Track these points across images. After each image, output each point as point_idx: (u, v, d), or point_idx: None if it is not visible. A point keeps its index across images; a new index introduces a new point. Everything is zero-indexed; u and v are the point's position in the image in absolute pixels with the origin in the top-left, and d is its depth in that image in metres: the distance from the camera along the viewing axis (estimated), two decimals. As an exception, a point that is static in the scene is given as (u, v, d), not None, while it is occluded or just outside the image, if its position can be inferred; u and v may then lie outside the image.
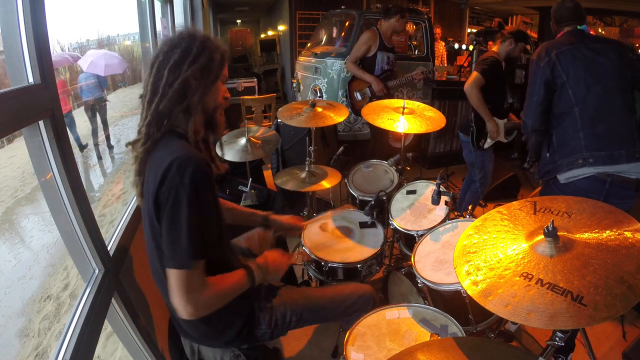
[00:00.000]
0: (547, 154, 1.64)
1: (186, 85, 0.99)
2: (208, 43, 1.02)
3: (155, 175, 0.92)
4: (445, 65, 4.86)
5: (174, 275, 0.91)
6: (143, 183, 1.01)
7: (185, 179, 0.89)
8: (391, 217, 1.81)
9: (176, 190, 0.89)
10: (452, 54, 5.93)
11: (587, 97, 1.49)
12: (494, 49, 2.45)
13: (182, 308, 0.92)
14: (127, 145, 1.05)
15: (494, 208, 1.09)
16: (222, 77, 1.07)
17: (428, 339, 1.15)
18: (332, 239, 1.69)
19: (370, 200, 1.73)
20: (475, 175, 2.60)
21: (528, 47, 4.38)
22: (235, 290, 1.04)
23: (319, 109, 2.09)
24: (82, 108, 5.28)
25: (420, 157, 4.09)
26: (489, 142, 2.45)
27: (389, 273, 1.78)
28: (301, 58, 4.63)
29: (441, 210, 1.74)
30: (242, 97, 4.52)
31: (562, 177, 1.56)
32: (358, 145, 3.91)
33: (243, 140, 2.20)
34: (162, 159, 0.94)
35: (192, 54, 0.99)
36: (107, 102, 5.43)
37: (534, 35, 5.62)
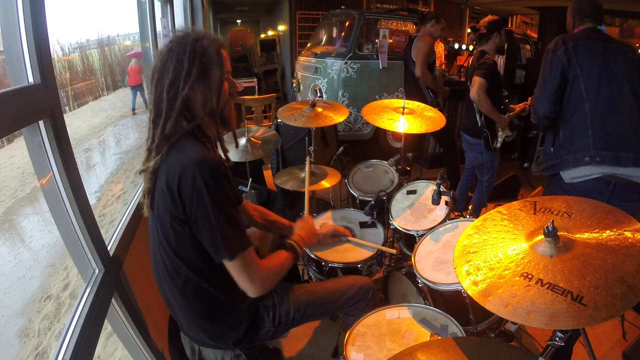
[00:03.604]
0: (552, 149, 1.61)
1: (187, 100, 0.99)
2: (199, 47, 0.98)
3: (172, 179, 0.94)
4: (444, 68, 4.87)
5: (229, 266, 1.01)
6: (154, 194, 1.01)
7: (205, 180, 0.93)
8: (391, 217, 1.81)
9: (199, 193, 0.93)
10: (452, 54, 5.93)
11: (599, 94, 1.47)
12: (481, 48, 2.40)
13: (249, 289, 1.03)
14: (140, 172, 1.04)
15: (494, 208, 1.09)
16: (225, 74, 1.04)
17: (428, 339, 1.14)
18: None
19: (370, 200, 1.73)
20: (483, 175, 2.58)
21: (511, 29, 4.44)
22: (286, 268, 1.17)
23: (319, 109, 2.09)
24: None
25: (420, 157, 4.09)
26: (499, 141, 2.45)
27: (389, 273, 1.78)
28: (301, 58, 4.64)
29: (441, 210, 1.74)
30: (242, 97, 4.52)
31: (567, 176, 1.54)
32: (358, 145, 3.91)
33: (243, 140, 2.20)
34: (176, 163, 0.95)
35: (185, 67, 0.97)
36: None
37: (534, 35, 5.62)
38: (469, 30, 7.25)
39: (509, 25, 6.93)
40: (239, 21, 10.84)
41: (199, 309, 1.08)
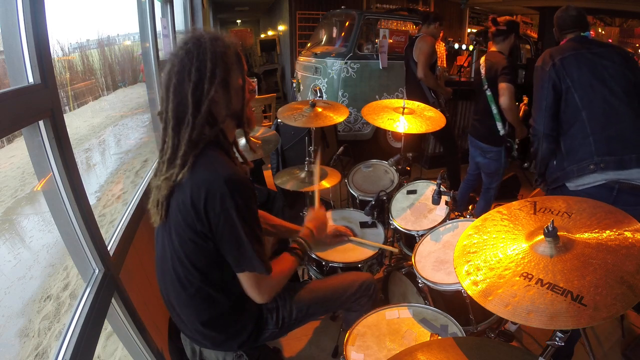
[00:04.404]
0: (555, 162, 1.61)
1: (212, 104, 0.96)
2: (219, 47, 0.95)
3: (197, 195, 0.92)
4: (445, 66, 4.87)
5: (245, 277, 1.03)
6: (168, 204, 0.99)
7: (235, 200, 0.93)
8: (391, 217, 1.81)
9: (228, 212, 0.93)
10: (452, 54, 5.93)
11: (593, 101, 1.47)
12: (494, 49, 2.31)
13: (260, 299, 1.06)
14: (163, 180, 0.98)
15: (493, 208, 1.09)
16: (244, 73, 1.03)
17: (428, 339, 1.15)
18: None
19: (371, 200, 1.73)
20: (492, 182, 2.50)
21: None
22: (292, 271, 1.19)
23: (319, 109, 2.09)
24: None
25: (420, 157, 4.09)
26: (515, 148, 2.39)
27: (389, 273, 1.78)
28: (301, 58, 4.64)
29: (441, 210, 1.74)
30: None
31: (572, 185, 1.53)
32: (358, 145, 3.91)
33: (243, 141, 2.20)
34: (203, 178, 0.93)
35: (209, 69, 0.93)
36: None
37: (534, 35, 5.62)
38: (469, 30, 7.26)
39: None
40: (239, 21, 10.83)
41: (207, 318, 1.08)
